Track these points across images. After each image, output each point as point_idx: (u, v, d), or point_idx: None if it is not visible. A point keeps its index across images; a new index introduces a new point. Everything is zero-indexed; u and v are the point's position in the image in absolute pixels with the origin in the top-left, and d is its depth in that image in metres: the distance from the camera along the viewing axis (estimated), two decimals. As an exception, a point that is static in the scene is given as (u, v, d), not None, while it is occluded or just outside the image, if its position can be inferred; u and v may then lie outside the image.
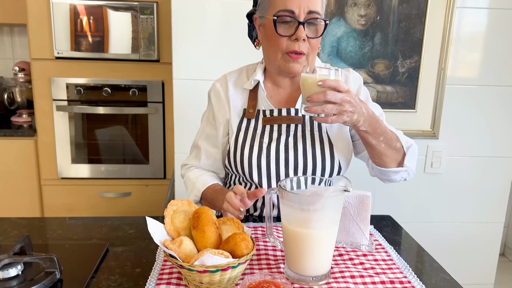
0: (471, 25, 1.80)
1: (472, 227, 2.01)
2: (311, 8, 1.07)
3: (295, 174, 1.15)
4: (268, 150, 1.15)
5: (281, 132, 1.17)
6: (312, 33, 1.10)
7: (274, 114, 1.17)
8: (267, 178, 1.16)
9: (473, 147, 1.92)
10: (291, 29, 1.09)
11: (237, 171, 1.20)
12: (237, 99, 1.23)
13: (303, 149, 1.15)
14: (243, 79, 1.25)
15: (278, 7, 1.09)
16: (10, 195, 2.38)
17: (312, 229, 0.80)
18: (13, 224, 1.09)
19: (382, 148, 1.09)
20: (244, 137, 1.18)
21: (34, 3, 2.19)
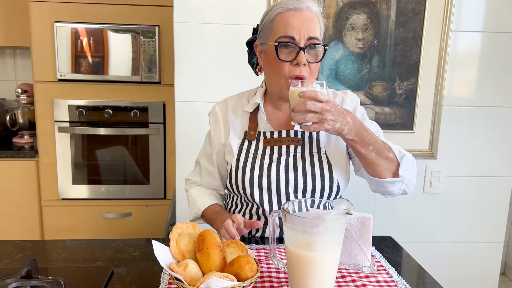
0: (466, 48, 1.85)
1: (472, 247, 2.02)
2: (311, 35, 1.11)
3: (295, 194, 1.17)
4: (269, 170, 1.17)
5: (281, 153, 1.19)
6: (312, 58, 1.14)
7: (274, 135, 1.21)
8: (268, 197, 1.18)
9: (471, 166, 1.94)
10: (292, 54, 1.13)
11: (238, 191, 1.22)
12: (237, 122, 1.26)
13: (303, 169, 1.17)
14: (243, 102, 1.29)
15: (279, 33, 1.13)
16: (11, 215, 2.38)
17: (315, 252, 0.82)
18: (18, 247, 1.10)
19: (373, 157, 1.10)
20: (245, 158, 1.21)
21: (38, 28, 2.24)
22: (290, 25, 1.11)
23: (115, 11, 2.26)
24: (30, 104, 2.53)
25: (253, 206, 1.22)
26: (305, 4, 1.13)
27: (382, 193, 1.21)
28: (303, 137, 1.20)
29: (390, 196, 1.21)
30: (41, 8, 2.23)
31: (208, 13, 1.75)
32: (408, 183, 1.16)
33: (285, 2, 1.14)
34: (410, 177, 1.16)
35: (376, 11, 1.77)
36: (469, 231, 2.01)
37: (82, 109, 2.33)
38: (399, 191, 1.17)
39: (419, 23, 1.79)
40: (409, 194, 1.20)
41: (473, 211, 1.99)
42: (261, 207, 1.20)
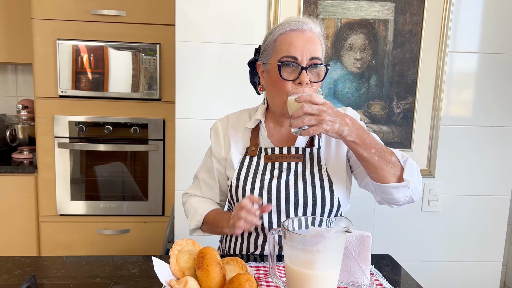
0: (462, 68, 1.88)
1: (470, 266, 2.02)
2: (313, 55, 1.14)
3: (295, 211, 1.18)
4: (269, 186, 1.18)
5: (282, 170, 1.20)
6: (314, 77, 1.16)
7: (275, 152, 1.22)
8: (268, 214, 1.18)
9: (469, 185, 1.95)
10: (294, 73, 1.15)
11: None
12: (238, 138, 1.28)
13: (303, 186, 1.18)
14: (244, 119, 1.31)
15: (282, 53, 1.16)
16: (8, 230, 2.37)
17: (315, 270, 0.82)
18: (17, 263, 1.10)
19: (376, 161, 1.08)
20: (246, 173, 1.22)
21: (41, 45, 2.27)
22: (293, 46, 1.14)
23: (117, 29, 2.29)
24: (30, 120, 2.55)
25: (256, 227, 1.22)
26: (307, 25, 1.15)
27: (388, 202, 1.17)
28: (304, 153, 1.21)
29: (396, 206, 1.18)
30: (44, 26, 2.26)
31: (208, 32, 1.79)
32: (413, 189, 1.12)
33: (288, 23, 1.17)
34: (416, 182, 1.12)
35: (374, 32, 1.81)
36: (467, 250, 2.01)
37: (82, 125, 2.34)
38: (405, 198, 1.13)
39: (416, 44, 1.82)
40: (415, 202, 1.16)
41: (471, 230, 1.99)
42: (260, 224, 1.20)
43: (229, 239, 1.31)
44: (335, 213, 1.21)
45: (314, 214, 1.18)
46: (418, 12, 1.80)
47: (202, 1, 1.76)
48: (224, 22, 1.78)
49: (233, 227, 1.08)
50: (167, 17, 2.28)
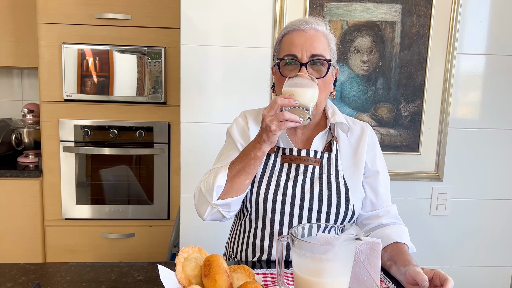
0: (470, 70, 1.86)
1: (480, 271, 1.99)
2: (313, 52, 1.13)
3: (309, 215, 1.16)
4: (285, 188, 1.17)
5: (298, 172, 1.18)
6: (316, 73, 1.14)
7: (294, 153, 1.20)
8: (280, 216, 1.17)
9: (478, 189, 1.93)
10: (295, 70, 1.14)
11: (250, 205, 1.20)
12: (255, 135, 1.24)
13: (319, 191, 1.16)
14: (261, 118, 1.28)
15: (284, 52, 1.16)
16: (14, 234, 2.37)
17: (324, 278, 0.80)
18: (22, 270, 1.09)
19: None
20: (262, 171, 1.19)
21: (46, 49, 2.27)
22: (293, 44, 1.14)
23: (122, 33, 2.29)
24: (36, 124, 2.55)
25: (264, 226, 1.19)
26: (309, 24, 1.15)
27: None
28: (322, 158, 1.19)
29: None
30: (50, 30, 2.26)
31: (214, 36, 1.77)
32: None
33: (292, 24, 1.17)
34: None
35: (381, 34, 1.79)
36: (477, 254, 1.98)
37: (87, 129, 2.34)
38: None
39: (423, 46, 1.80)
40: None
41: (481, 234, 1.96)
42: (270, 226, 1.17)
43: (236, 243, 1.29)
44: (349, 220, 1.20)
45: (327, 220, 1.17)
46: (425, 13, 1.78)
47: (207, 5, 1.75)
48: (229, 25, 1.77)
49: (266, 130, 1.02)
50: (171, 21, 2.28)
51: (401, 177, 1.87)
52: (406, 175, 1.88)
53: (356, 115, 1.84)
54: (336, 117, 1.23)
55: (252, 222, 1.23)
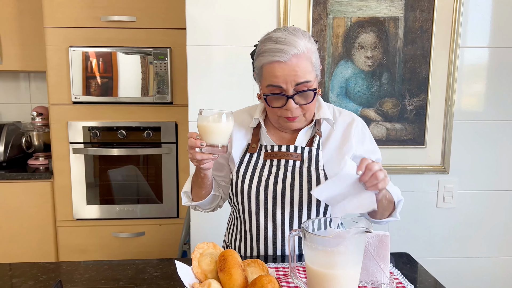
0: (474, 63, 1.87)
1: (487, 262, 2.01)
2: (298, 81, 1.12)
3: (291, 208, 1.20)
4: (266, 183, 1.21)
5: (279, 167, 1.22)
6: (303, 100, 1.16)
7: (275, 149, 1.24)
8: (264, 210, 1.21)
9: (484, 181, 1.94)
10: (281, 101, 1.16)
11: (237, 201, 1.25)
12: (240, 136, 1.29)
13: (300, 184, 1.19)
14: (245, 118, 1.32)
15: (267, 81, 1.15)
16: (26, 236, 2.41)
17: (336, 270, 0.83)
18: (42, 269, 1.12)
19: (384, 205, 1.15)
20: (245, 169, 1.24)
21: (53, 52, 2.30)
22: (276, 76, 1.12)
23: (127, 35, 2.32)
24: (45, 127, 2.59)
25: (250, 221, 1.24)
26: (288, 53, 1.10)
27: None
28: (303, 152, 1.22)
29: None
30: (56, 34, 2.29)
31: (219, 36, 1.80)
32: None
33: (270, 51, 1.12)
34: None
35: (384, 29, 1.81)
36: (483, 246, 2.00)
37: (96, 130, 2.37)
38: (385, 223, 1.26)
39: (427, 40, 1.82)
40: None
41: (487, 225, 1.98)
42: (256, 221, 1.22)
43: (231, 236, 1.33)
44: (330, 211, 1.23)
45: (309, 212, 1.20)
46: (428, 8, 1.80)
47: (212, 5, 1.77)
48: (234, 24, 1.79)
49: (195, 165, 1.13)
50: (176, 21, 2.30)
51: (407, 171, 1.89)
52: (412, 169, 1.90)
53: (362, 111, 1.86)
54: (321, 112, 1.25)
55: (241, 217, 1.28)
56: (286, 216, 1.20)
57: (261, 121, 1.27)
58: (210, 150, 1.07)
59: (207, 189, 1.25)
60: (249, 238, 1.25)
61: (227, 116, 1.06)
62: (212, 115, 1.05)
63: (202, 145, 1.05)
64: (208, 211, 1.37)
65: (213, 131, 1.06)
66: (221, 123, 1.06)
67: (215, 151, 1.07)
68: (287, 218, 1.20)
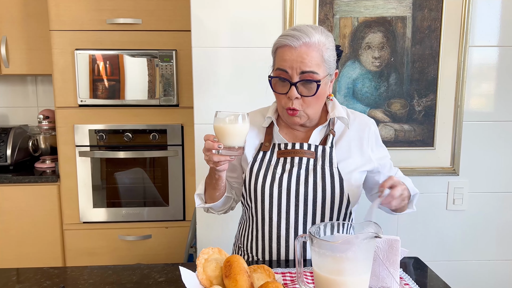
0: (484, 63, 1.84)
1: (498, 265, 1.97)
2: (304, 69, 1.13)
3: (305, 206, 1.19)
4: (280, 180, 1.20)
5: (293, 164, 1.21)
6: (307, 91, 1.16)
7: (288, 147, 1.24)
8: (277, 208, 1.20)
9: (495, 182, 1.91)
10: (286, 87, 1.17)
11: (250, 199, 1.25)
12: (253, 136, 1.30)
13: (314, 182, 1.19)
14: (259, 119, 1.33)
15: (277, 64, 1.18)
16: (33, 239, 2.41)
17: (345, 276, 0.81)
18: (46, 274, 1.11)
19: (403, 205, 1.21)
20: (258, 167, 1.24)
21: (59, 56, 2.30)
22: (284, 59, 1.15)
23: (133, 37, 2.31)
24: (51, 130, 2.59)
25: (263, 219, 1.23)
26: (300, 40, 1.13)
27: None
28: (317, 150, 1.22)
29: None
30: (62, 37, 2.29)
31: (225, 37, 1.78)
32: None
33: (284, 36, 1.16)
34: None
35: (392, 29, 1.78)
36: (495, 248, 1.96)
37: (102, 133, 2.37)
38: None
39: (435, 40, 1.79)
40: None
41: (498, 228, 1.94)
42: (269, 219, 1.21)
43: (243, 237, 1.32)
44: (344, 210, 1.22)
45: (323, 209, 1.20)
46: (436, 7, 1.77)
47: (218, 7, 1.76)
48: (239, 26, 1.78)
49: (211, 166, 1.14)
50: (182, 24, 2.29)
51: (416, 173, 1.86)
52: (421, 170, 1.87)
53: (369, 112, 1.83)
54: (335, 112, 1.26)
55: (253, 216, 1.27)
56: (300, 214, 1.20)
57: (274, 120, 1.27)
58: (227, 152, 1.07)
59: (221, 190, 1.24)
60: (261, 237, 1.24)
61: (243, 117, 1.07)
62: (228, 116, 1.06)
63: (220, 147, 1.06)
64: (221, 213, 1.37)
65: (230, 133, 1.06)
66: (238, 124, 1.06)
67: (232, 152, 1.07)
68: (301, 216, 1.20)
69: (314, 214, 1.20)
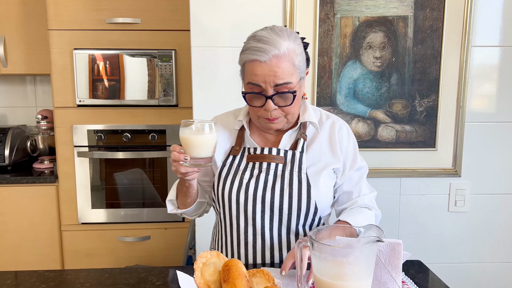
0: (486, 63, 1.82)
1: (500, 268, 1.95)
2: (278, 82, 1.09)
3: (271, 212, 1.17)
4: (247, 186, 1.18)
5: (262, 170, 1.19)
6: (283, 101, 1.13)
7: (257, 152, 1.21)
8: (244, 214, 1.18)
9: (497, 184, 1.89)
10: (261, 100, 1.13)
11: (219, 205, 1.23)
12: (224, 139, 1.27)
13: (281, 188, 1.17)
14: (230, 120, 1.30)
15: (248, 78, 1.13)
16: (31, 240, 2.39)
17: (347, 281, 0.79)
18: (41, 277, 1.09)
19: None
20: (227, 172, 1.21)
21: (58, 56, 2.28)
22: (255, 74, 1.10)
23: (132, 37, 2.29)
24: (50, 130, 2.57)
25: (231, 225, 1.21)
26: (269, 54, 1.08)
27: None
28: (286, 155, 1.20)
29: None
30: (61, 37, 2.27)
31: (224, 37, 1.76)
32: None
33: (252, 49, 1.10)
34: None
35: (393, 29, 1.76)
36: (497, 251, 1.94)
37: (100, 133, 2.35)
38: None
39: (437, 40, 1.77)
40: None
41: (501, 230, 1.92)
42: (236, 225, 1.19)
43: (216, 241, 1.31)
44: (311, 216, 1.19)
45: (290, 217, 1.17)
46: (438, 7, 1.75)
47: (217, 6, 1.74)
48: (239, 25, 1.76)
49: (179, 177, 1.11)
50: (181, 23, 2.27)
51: (418, 174, 1.84)
52: (423, 172, 1.85)
53: (370, 112, 1.81)
54: (306, 116, 1.22)
55: (223, 221, 1.25)
56: (266, 220, 1.17)
57: (245, 124, 1.24)
58: (195, 163, 1.02)
59: (192, 197, 1.22)
60: (230, 243, 1.22)
61: (210, 127, 1.02)
62: (195, 126, 1.01)
63: (186, 159, 1.02)
64: (195, 217, 1.35)
65: (197, 144, 1.02)
66: (204, 134, 1.02)
67: (199, 163, 1.03)
68: (267, 222, 1.17)
69: (281, 220, 1.17)
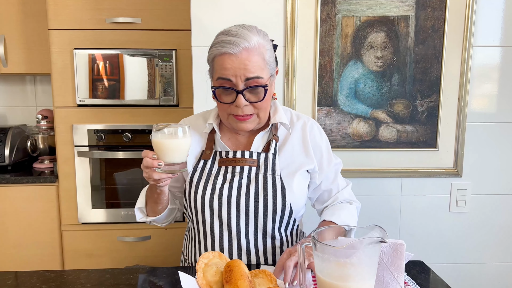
0: (488, 63, 1.81)
1: (502, 268, 1.94)
2: (248, 75, 1.08)
3: (246, 217, 1.15)
4: (220, 191, 1.16)
5: (235, 174, 1.17)
6: (255, 97, 1.12)
7: (230, 155, 1.19)
8: (218, 220, 1.16)
9: (499, 184, 1.88)
10: (232, 96, 1.11)
11: (191, 211, 1.20)
12: (195, 143, 1.24)
13: (255, 191, 1.15)
14: (199, 123, 1.28)
15: (217, 73, 1.12)
16: (31, 240, 2.39)
17: (350, 282, 0.78)
18: (42, 278, 1.09)
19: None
20: (199, 177, 1.19)
21: (58, 55, 2.28)
22: (225, 68, 1.09)
23: (132, 37, 2.29)
24: (50, 130, 2.57)
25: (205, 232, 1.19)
26: (239, 46, 1.07)
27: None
28: (259, 158, 1.18)
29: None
30: (61, 36, 2.27)
31: (225, 36, 1.76)
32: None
33: (222, 42, 1.10)
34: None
35: (395, 29, 1.76)
36: (499, 251, 1.93)
37: (101, 133, 2.34)
38: None
39: (439, 40, 1.77)
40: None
41: (502, 230, 1.92)
42: (211, 231, 1.17)
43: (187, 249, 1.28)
44: (287, 218, 1.18)
45: (265, 220, 1.16)
46: (440, 6, 1.74)
47: (217, 6, 1.74)
48: (240, 25, 1.75)
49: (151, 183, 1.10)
50: (181, 23, 2.27)
51: (419, 174, 1.84)
52: (424, 172, 1.84)
53: (371, 112, 1.81)
54: (277, 117, 1.21)
55: (195, 228, 1.22)
56: (241, 225, 1.15)
57: (215, 126, 1.22)
58: (169, 169, 1.00)
59: (163, 204, 1.19)
60: (204, 249, 1.20)
61: (183, 131, 1.00)
62: (168, 131, 0.99)
63: (160, 165, 1.00)
64: (165, 225, 1.32)
65: (170, 149, 1.00)
66: (178, 139, 1.00)
67: (174, 169, 1.01)
68: (243, 227, 1.15)
69: (256, 224, 1.16)
